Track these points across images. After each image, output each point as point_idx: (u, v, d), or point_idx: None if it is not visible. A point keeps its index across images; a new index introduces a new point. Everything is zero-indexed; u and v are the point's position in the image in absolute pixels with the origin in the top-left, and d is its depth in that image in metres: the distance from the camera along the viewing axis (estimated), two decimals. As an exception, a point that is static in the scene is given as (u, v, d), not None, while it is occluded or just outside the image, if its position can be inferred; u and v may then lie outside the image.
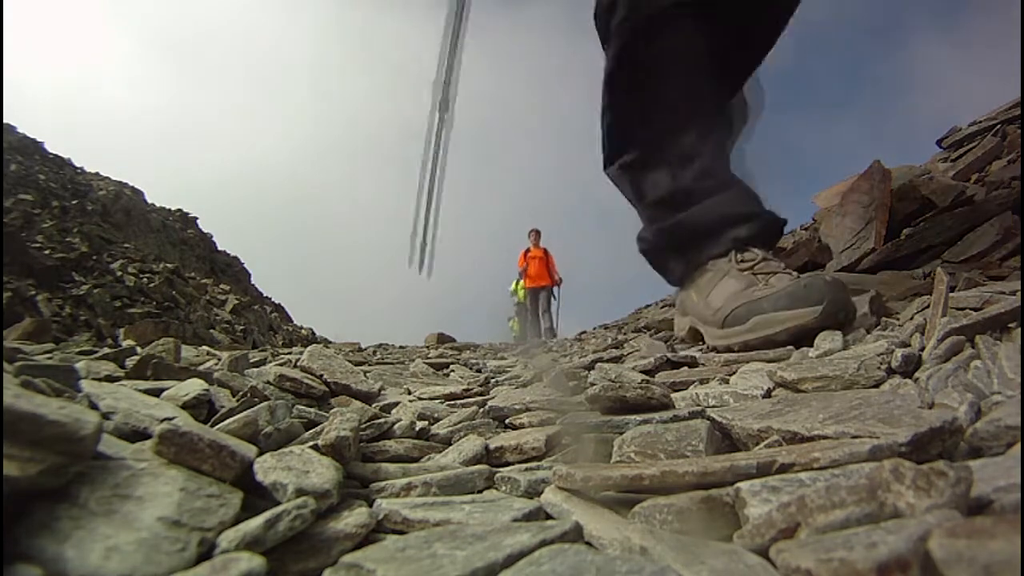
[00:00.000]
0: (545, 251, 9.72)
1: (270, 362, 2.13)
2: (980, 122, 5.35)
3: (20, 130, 11.42)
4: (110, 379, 1.22)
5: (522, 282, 10.00)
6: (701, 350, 1.90)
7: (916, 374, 0.99)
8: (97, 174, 12.73)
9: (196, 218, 15.92)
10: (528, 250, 9.79)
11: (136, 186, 13.54)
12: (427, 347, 5.18)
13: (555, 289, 9.70)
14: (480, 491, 0.80)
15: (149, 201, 13.89)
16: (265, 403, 1.06)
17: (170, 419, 0.84)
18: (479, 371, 2.54)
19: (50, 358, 1.60)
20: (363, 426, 1.06)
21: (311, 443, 0.87)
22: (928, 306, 1.39)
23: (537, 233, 9.79)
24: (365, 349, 4.26)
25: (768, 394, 1.10)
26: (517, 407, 1.29)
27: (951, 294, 1.29)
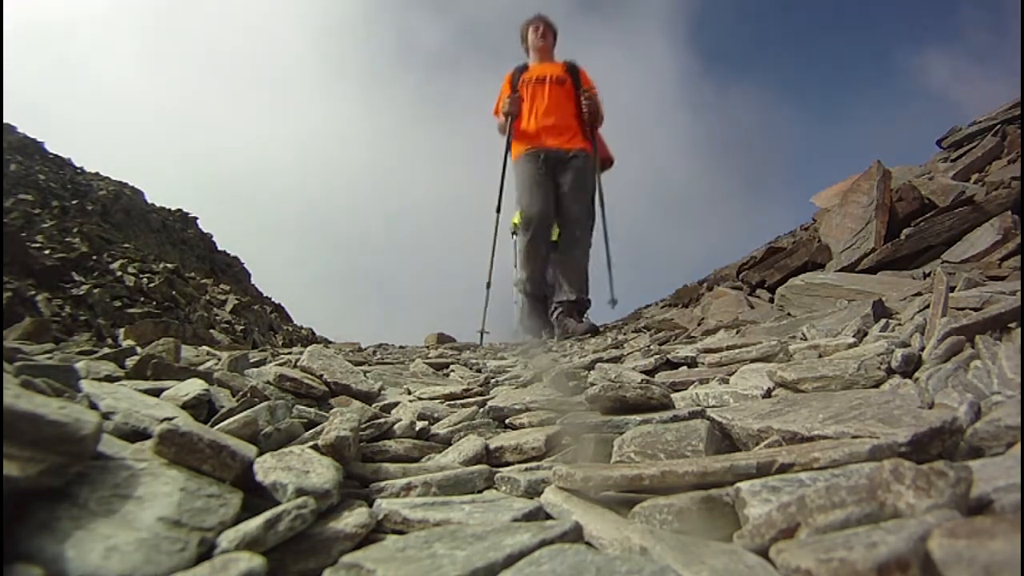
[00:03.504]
0: (569, 67, 4.17)
1: (270, 362, 2.13)
2: (980, 122, 5.34)
3: (20, 130, 11.42)
4: (110, 379, 1.22)
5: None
6: (698, 349, 1.90)
7: (916, 374, 0.99)
8: (97, 174, 12.72)
9: (196, 218, 15.90)
10: (523, 68, 4.20)
11: (136, 186, 13.52)
12: (427, 347, 5.16)
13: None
14: (480, 491, 0.80)
15: (149, 201, 13.89)
16: (265, 403, 1.05)
17: (170, 419, 0.84)
18: (479, 371, 2.53)
19: (50, 358, 1.60)
20: (363, 426, 1.05)
21: (311, 443, 0.87)
22: (928, 306, 1.39)
23: (544, 27, 4.23)
24: (365, 349, 4.26)
25: (768, 394, 1.10)
26: (517, 407, 1.28)
27: (951, 294, 1.29)
